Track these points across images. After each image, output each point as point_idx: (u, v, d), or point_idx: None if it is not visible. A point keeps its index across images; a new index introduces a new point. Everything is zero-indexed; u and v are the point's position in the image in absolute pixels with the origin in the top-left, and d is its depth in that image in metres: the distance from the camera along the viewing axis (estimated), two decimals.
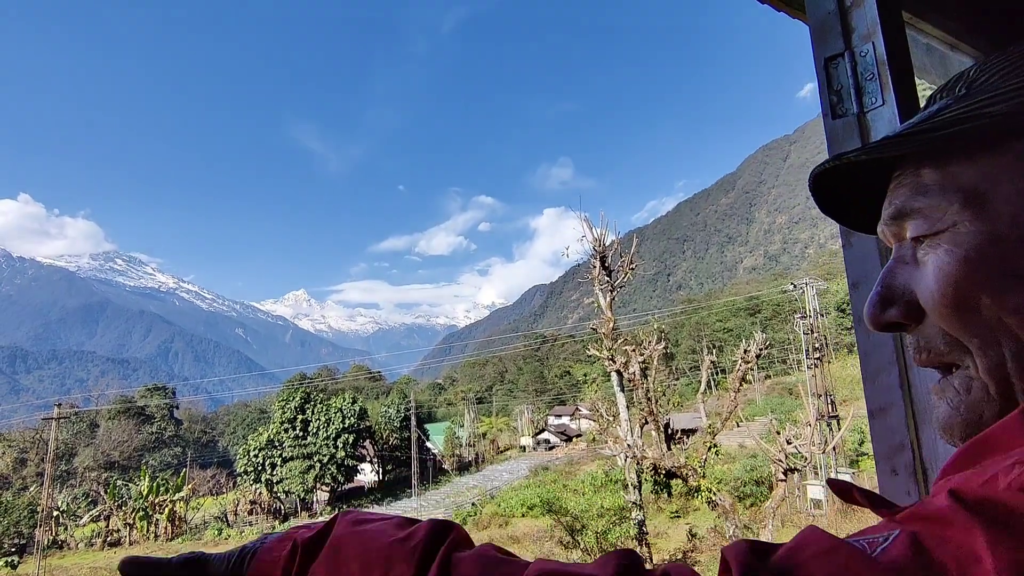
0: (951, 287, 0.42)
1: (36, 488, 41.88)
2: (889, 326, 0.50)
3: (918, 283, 0.46)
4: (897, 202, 0.48)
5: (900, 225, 0.48)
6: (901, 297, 0.48)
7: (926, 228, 0.45)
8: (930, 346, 0.47)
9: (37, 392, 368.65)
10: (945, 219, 0.43)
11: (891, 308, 0.48)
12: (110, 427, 58.27)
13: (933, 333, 0.46)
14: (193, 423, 76.86)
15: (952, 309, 0.43)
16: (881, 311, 0.49)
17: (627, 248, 16.71)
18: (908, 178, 0.47)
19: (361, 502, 41.12)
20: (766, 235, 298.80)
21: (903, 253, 0.49)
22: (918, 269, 0.47)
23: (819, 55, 1.03)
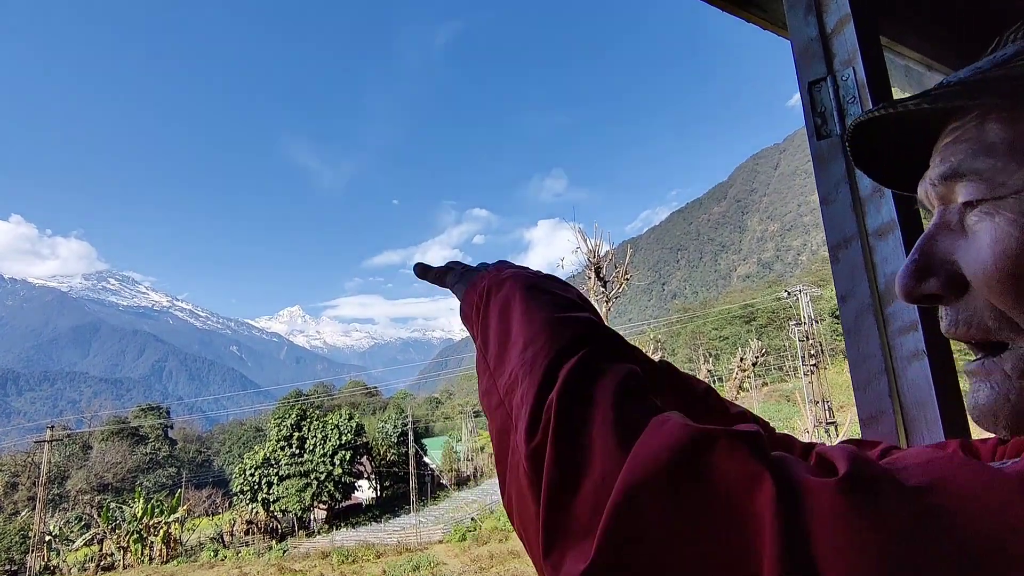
0: (1011, 260, 0.38)
1: (28, 513, 41.24)
2: (925, 298, 0.44)
3: (964, 253, 0.41)
4: (953, 159, 0.42)
5: (950, 186, 0.43)
6: (942, 267, 0.43)
7: (985, 192, 0.40)
8: (974, 321, 0.41)
9: (29, 415, 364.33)
10: (1010, 184, 0.38)
11: (930, 278, 0.43)
12: (103, 449, 57.58)
13: (979, 307, 0.41)
14: (188, 443, 76.08)
15: (1010, 284, 0.38)
16: (917, 281, 0.44)
17: (621, 258, 16.81)
18: (969, 132, 0.41)
19: (359, 519, 40.72)
20: (759, 243, 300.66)
21: (949, 218, 0.43)
22: (965, 238, 0.41)
23: (803, 79, 1.09)
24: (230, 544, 38.64)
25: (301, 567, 27.78)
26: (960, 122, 0.42)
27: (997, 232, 0.39)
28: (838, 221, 1.02)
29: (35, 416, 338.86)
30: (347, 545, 31.03)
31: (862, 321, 0.97)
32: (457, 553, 26.94)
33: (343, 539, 33.10)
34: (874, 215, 0.97)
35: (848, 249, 1.00)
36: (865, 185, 0.99)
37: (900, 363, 0.92)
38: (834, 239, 1.03)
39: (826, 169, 1.04)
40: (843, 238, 1.01)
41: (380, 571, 25.40)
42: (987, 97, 0.40)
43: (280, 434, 40.58)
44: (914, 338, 0.90)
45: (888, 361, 0.93)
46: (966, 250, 0.41)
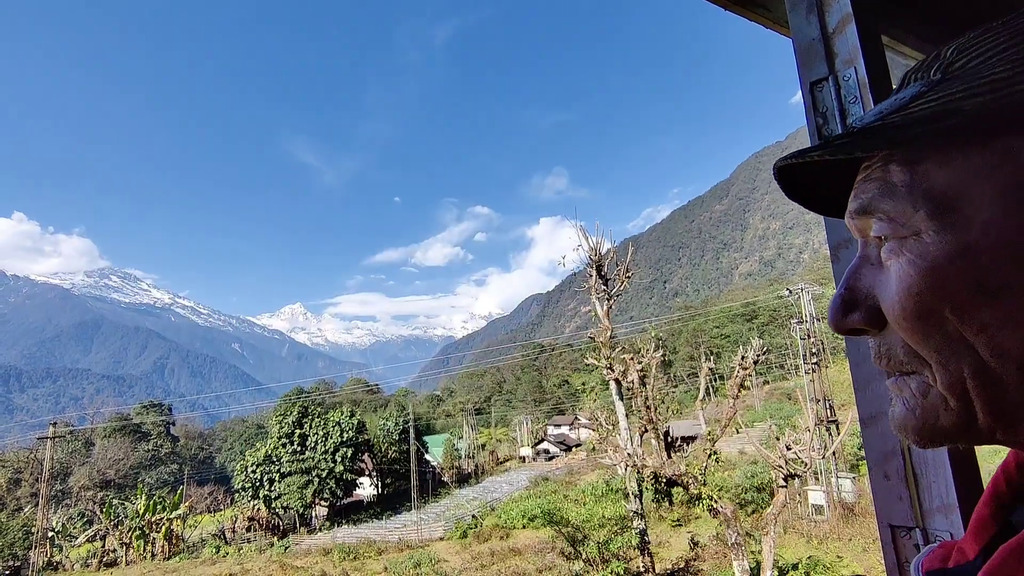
0: (911, 299, 0.40)
1: (31, 509, 41.39)
2: (851, 331, 0.47)
3: (881, 288, 0.43)
4: (862, 198, 0.44)
5: (865, 221, 0.45)
6: (864, 301, 0.45)
7: (889, 231, 0.41)
8: (890, 354, 0.44)
9: (31, 411, 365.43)
10: (910, 224, 0.40)
11: (853, 312, 0.45)
12: (106, 445, 57.77)
13: (894, 341, 0.43)
14: (190, 440, 76.27)
15: (911, 322, 0.40)
16: (843, 315, 0.46)
17: (623, 256, 16.78)
18: (876, 172, 0.43)
19: (360, 516, 40.78)
20: (761, 241, 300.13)
21: (869, 252, 0.46)
22: (882, 272, 0.43)
23: (805, 79, 1.09)
24: (232, 541, 38.75)
25: (303, 564, 27.86)
26: (870, 161, 0.44)
27: (901, 272, 0.40)
28: (838, 222, 1.02)
29: (38, 413, 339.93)
30: (348, 542, 31.08)
31: None
32: (458, 550, 26.99)
33: (344, 536, 33.15)
34: None
35: (848, 249, 1.00)
36: None
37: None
38: (835, 239, 1.03)
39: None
40: (843, 238, 1.01)
41: (381, 568, 25.46)
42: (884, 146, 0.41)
43: (282, 431, 40.64)
44: None
45: None
46: (882, 286, 0.43)
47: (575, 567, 17.94)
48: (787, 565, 15.05)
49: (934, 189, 0.39)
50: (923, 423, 0.43)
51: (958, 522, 0.84)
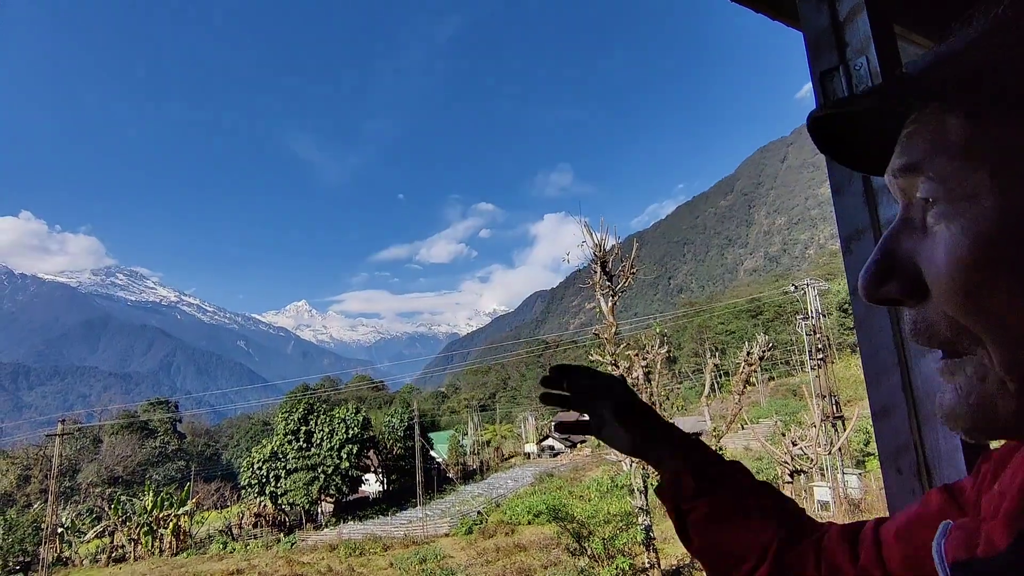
0: (963, 271, 0.35)
1: (40, 505, 41.74)
2: (886, 301, 0.42)
3: (925, 256, 0.38)
4: (911, 153, 0.39)
5: (910, 180, 0.39)
6: (903, 269, 0.40)
7: (941, 193, 0.36)
8: (931, 329, 0.39)
9: (40, 408, 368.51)
10: (967, 186, 0.35)
11: (889, 281, 0.40)
12: (113, 442, 58.14)
13: (936, 315, 0.38)
14: (196, 437, 76.70)
15: (962, 296, 0.35)
16: (877, 284, 0.41)
17: (628, 252, 16.74)
18: (929, 125, 0.37)
19: (366, 512, 40.97)
20: (766, 237, 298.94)
21: (911, 215, 0.40)
22: (927, 238, 0.38)
23: (815, 68, 1.07)
24: (239, 537, 39.00)
25: (309, 559, 28.03)
26: (920, 114, 0.39)
27: (952, 239, 0.36)
28: (850, 212, 1.00)
29: (46, 410, 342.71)
30: (354, 538, 31.23)
31: (874, 314, 0.96)
32: (463, 546, 27.07)
33: (350, 532, 33.31)
34: (887, 206, 0.95)
35: (860, 240, 0.98)
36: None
37: (913, 356, 0.90)
38: (846, 230, 1.01)
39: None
40: (856, 229, 0.99)
41: (387, 563, 25.59)
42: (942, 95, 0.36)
43: (287, 428, 40.84)
44: None
45: (901, 354, 0.91)
46: (926, 253, 0.38)
47: (580, 563, 17.96)
48: None
49: (1001, 147, 0.34)
50: (978, 412, 0.37)
51: None
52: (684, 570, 17.53)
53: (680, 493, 0.75)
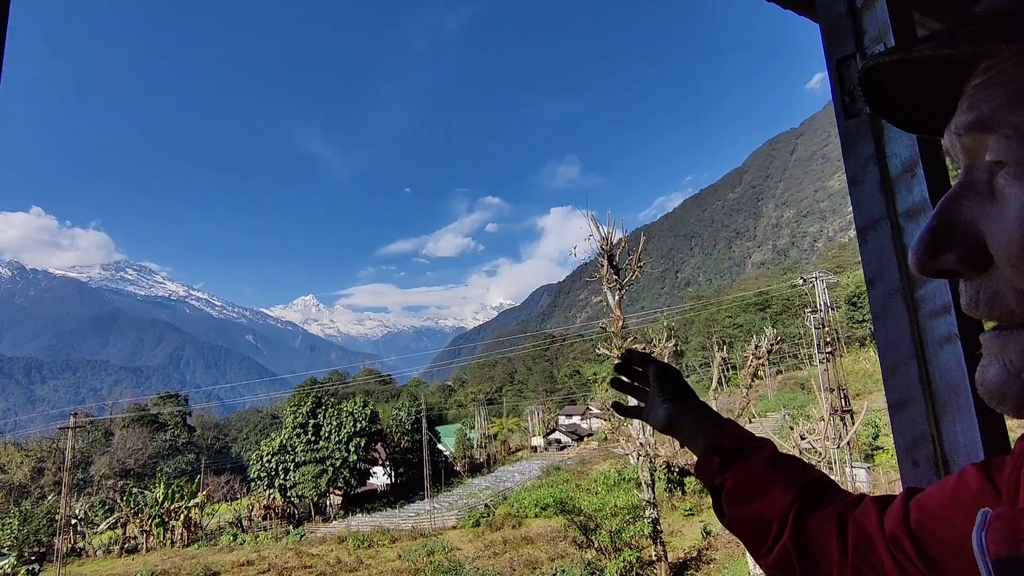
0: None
1: (54, 497, 42.35)
2: (942, 273, 0.38)
3: (991, 223, 0.35)
4: (983, 107, 0.34)
5: (979, 139, 0.35)
6: (963, 237, 0.36)
7: (1019, 152, 0.32)
8: (996, 302, 0.36)
9: (52, 402, 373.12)
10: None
11: (947, 251, 0.37)
12: (125, 435, 58.79)
13: (1003, 286, 0.35)
14: (206, 430, 77.45)
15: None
16: (933, 254, 0.37)
17: (635, 246, 16.67)
18: (1006, 74, 0.33)
19: (374, 505, 41.27)
20: (774, 229, 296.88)
21: (976, 178, 0.36)
22: (993, 203, 0.35)
23: (831, 56, 1.05)
24: (248, 529, 39.40)
25: (318, 551, 28.28)
26: (995, 60, 0.34)
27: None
28: (866, 202, 0.99)
29: (59, 403, 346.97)
30: (363, 530, 31.48)
31: (891, 305, 0.95)
32: (471, 539, 27.23)
33: (359, 524, 33.58)
34: (905, 195, 0.94)
35: (877, 231, 0.97)
36: (896, 164, 0.95)
37: (931, 347, 0.90)
38: (862, 220, 1.00)
39: (854, 148, 1.01)
40: (872, 219, 0.98)
41: (396, 555, 25.78)
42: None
43: (296, 421, 41.13)
44: (946, 322, 0.87)
45: (918, 346, 0.91)
46: (993, 219, 0.35)
47: (587, 555, 18.03)
48: None
49: None
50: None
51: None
52: (691, 563, 17.55)
53: (711, 469, 0.80)
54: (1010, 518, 0.39)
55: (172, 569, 26.27)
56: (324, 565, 24.91)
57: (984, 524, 0.41)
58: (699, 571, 16.91)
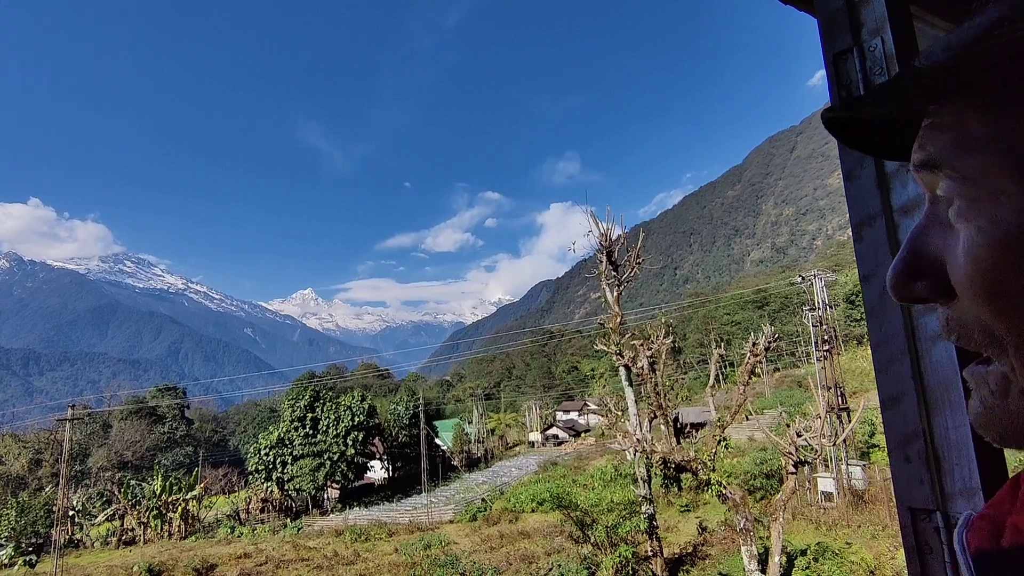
0: (982, 273, 0.34)
1: (52, 488, 42.41)
2: (916, 300, 0.40)
3: (950, 254, 0.37)
4: (929, 150, 0.37)
5: (931, 177, 0.38)
6: (931, 268, 0.38)
7: (961, 191, 0.35)
8: (962, 329, 0.38)
9: (50, 394, 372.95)
10: (987, 184, 0.33)
11: (918, 280, 0.39)
12: (123, 428, 58.89)
13: (968, 317, 0.37)
14: (204, 423, 77.57)
15: (982, 298, 0.34)
16: (906, 283, 0.40)
17: (634, 242, 16.66)
18: (949, 120, 0.36)
19: (372, 499, 41.40)
20: (773, 227, 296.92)
21: (938, 210, 0.39)
22: (952, 235, 0.37)
23: (828, 50, 1.05)
24: (246, 521, 39.52)
25: (315, 544, 28.37)
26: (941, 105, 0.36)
27: (969, 240, 0.34)
28: (862, 198, 0.98)
29: (56, 395, 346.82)
30: (360, 523, 31.60)
31: (885, 301, 0.95)
32: (468, 533, 27.34)
33: (356, 518, 33.71)
34: (900, 191, 0.94)
35: (872, 227, 0.97)
36: (891, 161, 0.94)
37: (924, 344, 0.90)
38: (857, 216, 0.99)
39: None
40: (867, 215, 0.97)
41: (392, 549, 25.87)
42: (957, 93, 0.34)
43: (294, 415, 41.18)
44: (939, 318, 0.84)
45: (911, 342, 0.92)
46: (951, 252, 0.37)
47: (584, 550, 18.11)
48: (795, 551, 15.09)
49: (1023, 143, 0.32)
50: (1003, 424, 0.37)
51: (981, 505, 0.80)
52: (687, 559, 17.63)
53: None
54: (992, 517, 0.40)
55: (170, 561, 26.32)
56: (321, 558, 24.99)
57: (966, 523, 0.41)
58: (695, 567, 16.98)
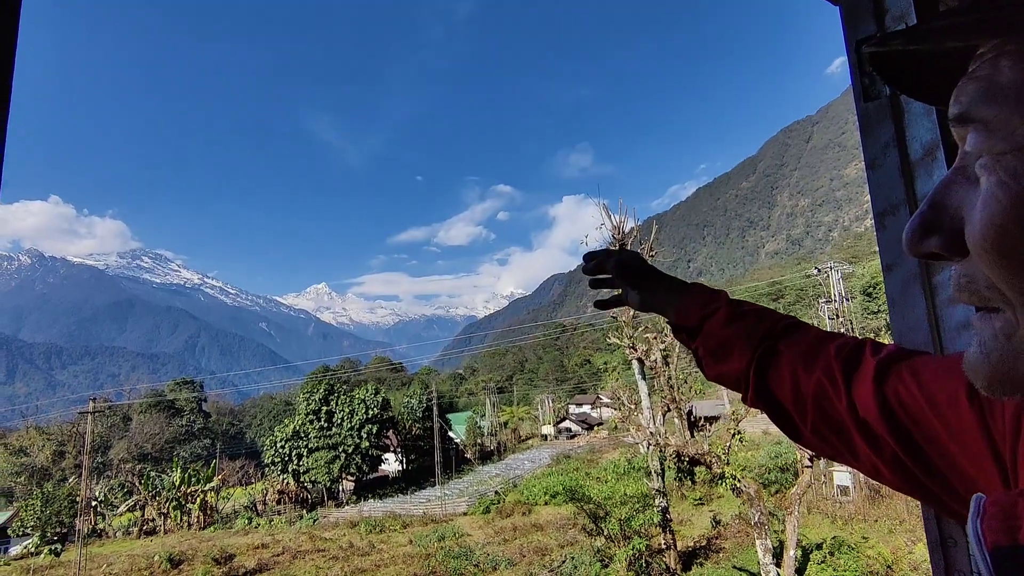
0: (994, 228, 0.32)
1: (75, 479, 43.38)
2: (928, 256, 0.39)
3: (969, 209, 0.35)
4: (963, 100, 0.35)
5: (964, 130, 0.36)
6: (949, 223, 0.37)
7: (986, 144, 0.33)
8: (971, 286, 0.37)
9: (72, 387, 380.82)
10: (1013, 137, 0.32)
11: (932, 235, 0.38)
12: (142, 420, 59.99)
13: (976, 271, 0.36)
14: (221, 416, 78.70)
15: (992, 255, 0.33)
16: (920, 237, 0.38)
17: (647, 235, 16.55)
18: (983, 68, 0.34)
19: (386, 491, 41.77)
20: (788, 219, 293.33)
21: (966, 165, 0.37)
22: (976, 190, 0.35)
23: (851, 38, 1.02)
24: (263, 513, 40.10)
25: (331, 535, 28.73)
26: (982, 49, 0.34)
27: (988, 194, 0.33)
28: (885, 187, 0.96)
29: (78, 388, 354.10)
30: (374, 515, 31.92)
31: (908, 291, 0.93)
32: (481, 525, 27.50)
33: (370, 509, 34.04)
34: (925, 180, 0.92)
35: (896, 216, 0.94)
36: (916, 148, 0.92)
37: (948, 334, 0.88)
38: (880, 205, 0.97)
39: (873, 132, 0.98)
40: (890, 204, 0.95)
41: (407, 540, 26.12)
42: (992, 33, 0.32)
43: (309, 408, 41.61)
44: (964, 308, 0.84)
45: (935, 332, 0.89)
46: (971, 207, 0.35)
47: (597, 543, 18.13)
48: (811, 545, 14.98)
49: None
50: (997, 368, 0.37)
51: None
52: (700, 552, 17.60)
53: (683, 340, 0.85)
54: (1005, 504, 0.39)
55: (189, 551, 26.82)
56: (337, 549, 25.30)
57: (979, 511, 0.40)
58: (708, 560, 16.94)
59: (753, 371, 0.71)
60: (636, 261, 0.95)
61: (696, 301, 0.84)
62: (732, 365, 0.75)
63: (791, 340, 0.72)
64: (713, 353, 0.79)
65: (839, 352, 0.65)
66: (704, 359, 0.81)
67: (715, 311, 0.80)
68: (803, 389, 0.65)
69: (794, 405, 0.66)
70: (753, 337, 0.74)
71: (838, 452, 0.64)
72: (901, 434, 0.54)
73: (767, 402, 0.70)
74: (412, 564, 21.82)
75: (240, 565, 24.44)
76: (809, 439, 0.66)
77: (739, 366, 0.74)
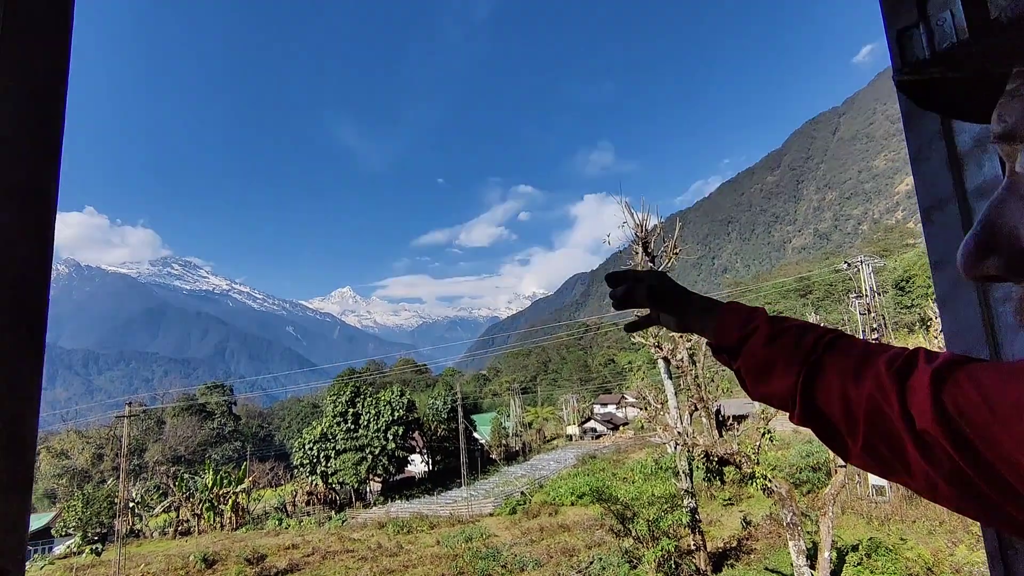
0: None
1: (113, 481, 44.72)
2: (986, 278, 0.38)
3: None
4: (1008, 120, 0.35)
5: (1010, 148, 0.36)
6: (1005, 244, 0.35)
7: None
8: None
9: (109, 392, 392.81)
10: None
11: (990, 256, 0.36)
12: (175, 424, 61.50)
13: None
14: (251, 419, 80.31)
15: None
16: (977, 259, 0.37)
17: (670, 232, 16.36)
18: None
19: (413, 492, 42.09)
20: (815, 213, 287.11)
21: (1017, 183, 0.36)
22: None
23: (891, 27, 0.98)
24: (292, 514, 40.77)
25: (360, 536, 29.07)
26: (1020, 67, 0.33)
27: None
28: (932, 181, 0.92)
29: (115, 393, 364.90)
30: (402, 516, 32.18)
31: (960, 289, 0.88)
32: (508, 525, 27.51)
33: (398, 510, 34.33)
34: (975, 172, 0.87)
35: (944, 211, 0.91)
36: (964, 140, 0.88)
37: (1004, 333, 0.82)
38: (927, 200, 0.93)
39: (917, 124, 0.94)
40: (938, 199, 0.92)
41: (434, 541, 26.28)
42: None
43: (336, 410, 42.16)
44: None
45: (989, 332, 0.84)
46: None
47: (625, 544, 17.98)
48: (846, 546, 14.63)
49: None
50: None
51: None
52: (731, 553, 17.32)
53: (724, 361, 0.83)
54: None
55: (223, 551, 27.41)
56: (365, 549, 25.58)
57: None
58: (739, 561, 16.66)
59: (800, 389, 0.69)
60: (666, 285, 0.94)
61: (734, 320, 0.81)
62: (777, 385, 0.73)
63: (837, 354, 0.68)
64: (756, 373, 0.76)
65: (891, 362, 0.60)
66: (747, 380, 0.78)
67: (755, 330, 0.78)
68: (854, 404, 0.61)
69: (844, 421, 0.63)
70: (797, 354, 0.71)
71: (890, 468, 0.60)
72: (961, 444, 0.49)
73: (815, 420, 0.67)
74: (440, 565, 21.93)
75: (272, 565, 24.89)
76: (858, 456, 0.62)
77: (785, 385, 0.71)
